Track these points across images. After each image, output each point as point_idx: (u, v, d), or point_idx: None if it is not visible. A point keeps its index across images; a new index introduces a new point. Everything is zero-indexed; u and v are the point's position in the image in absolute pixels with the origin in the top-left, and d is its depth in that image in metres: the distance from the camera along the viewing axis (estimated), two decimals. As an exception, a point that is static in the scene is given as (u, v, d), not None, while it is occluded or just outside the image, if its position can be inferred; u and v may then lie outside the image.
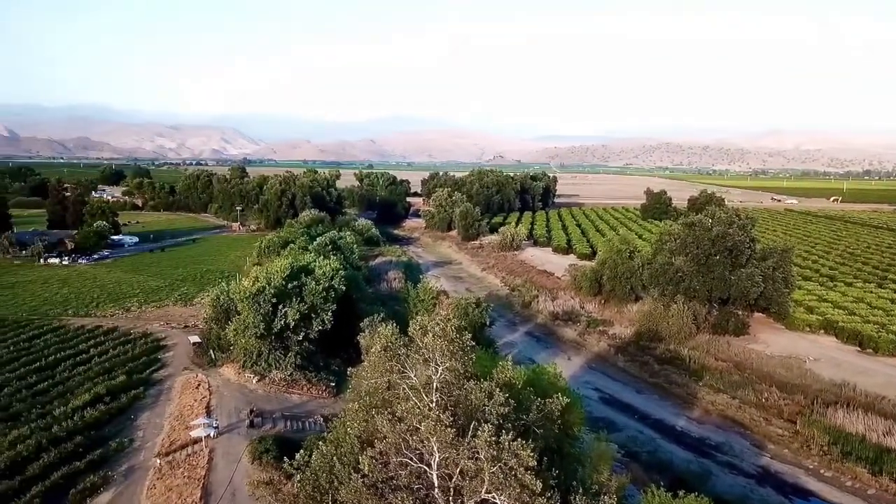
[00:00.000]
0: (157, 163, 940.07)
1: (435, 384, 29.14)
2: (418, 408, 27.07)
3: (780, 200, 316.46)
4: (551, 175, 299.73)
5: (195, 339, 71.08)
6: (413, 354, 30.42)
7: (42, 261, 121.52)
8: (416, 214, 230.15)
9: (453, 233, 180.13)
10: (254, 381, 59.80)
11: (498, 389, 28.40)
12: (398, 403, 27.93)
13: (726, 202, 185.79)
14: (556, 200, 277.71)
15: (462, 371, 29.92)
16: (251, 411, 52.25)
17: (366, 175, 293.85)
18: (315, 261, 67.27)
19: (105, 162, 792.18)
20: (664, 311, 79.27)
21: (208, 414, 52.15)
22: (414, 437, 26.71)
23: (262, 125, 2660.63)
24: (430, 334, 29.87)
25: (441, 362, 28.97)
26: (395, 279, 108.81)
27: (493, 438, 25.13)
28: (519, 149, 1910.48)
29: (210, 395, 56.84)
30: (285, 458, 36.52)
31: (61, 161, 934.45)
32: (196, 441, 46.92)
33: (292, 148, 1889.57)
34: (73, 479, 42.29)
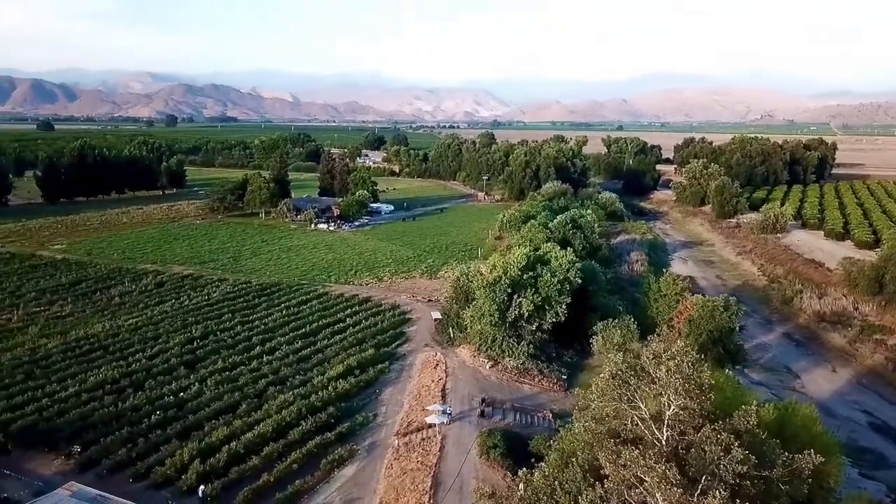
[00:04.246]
0: (413, 126, 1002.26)
1: (666, 420, 27.19)
2: (643, 458, 25.19)
3: None
4: (829, 141, 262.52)
5: (437, 314, 74.63)
6: (644, 386, 28.58)
7: (312, 226, 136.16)
8: (666, 185, 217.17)
9: (706, 208, 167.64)
10: (487, 367, 61.26)
11: (737, 442, 25.50)
12: (625, 449, 26.21)
13: None
14: (834, 171, 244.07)
15: (697, 410, 27.46)
16: (483, 400, 53.61)
17: (613, 141, 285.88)
18: (552, 251, 66.53)
19: (370, 125, 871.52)
20: (965, 325, 66.39)
21: (443, 397, 54.61)
22: (637, 490, 25.06)
23: (512, 87, 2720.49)
24: (664, 368, 27.78)
25: (674, 400, 26.88)
26: (637, 261, 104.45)
27: (728, 507, 22.74)
28: (792, 107, 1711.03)
29: (446, 376, 59.33)
30: (511, 466, 36.89)
31: (333, 125, 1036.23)
32: (431, 426, 49.29)
33: (541, 109, 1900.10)
34: (325, 448, 46.65)
